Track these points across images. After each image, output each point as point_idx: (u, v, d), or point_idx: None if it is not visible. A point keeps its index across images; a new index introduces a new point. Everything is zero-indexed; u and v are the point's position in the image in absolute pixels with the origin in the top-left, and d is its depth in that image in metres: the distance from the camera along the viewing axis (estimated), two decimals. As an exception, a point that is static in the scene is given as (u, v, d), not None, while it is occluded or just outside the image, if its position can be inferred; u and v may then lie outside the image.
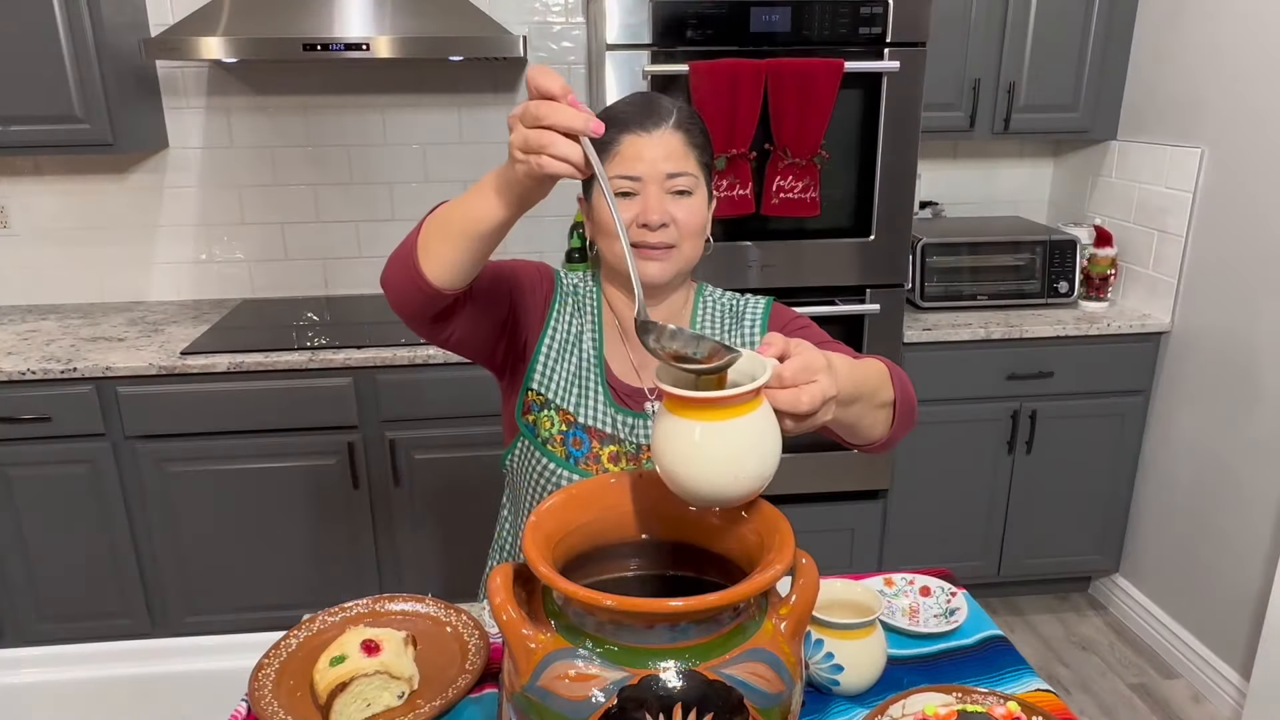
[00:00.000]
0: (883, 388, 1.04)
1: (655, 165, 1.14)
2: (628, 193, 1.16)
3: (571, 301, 1.28)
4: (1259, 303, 2.29)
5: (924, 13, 2.23)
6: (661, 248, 1.17)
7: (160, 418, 2.30)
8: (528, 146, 0.85)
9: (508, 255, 3.12)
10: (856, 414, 0.99)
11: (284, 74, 2.70)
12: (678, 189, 1.16)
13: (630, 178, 1.15)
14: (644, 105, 1.18)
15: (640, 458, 1.24)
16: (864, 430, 1.03)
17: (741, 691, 0.74)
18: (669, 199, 1.16)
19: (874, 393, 1.01)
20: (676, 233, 1.17)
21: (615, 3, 2.14)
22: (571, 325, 1.26)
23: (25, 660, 1.63)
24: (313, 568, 2.49)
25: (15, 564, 2.38)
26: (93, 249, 2.79)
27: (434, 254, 1.00)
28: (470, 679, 1.07)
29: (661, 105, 1.18)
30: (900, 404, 1.07)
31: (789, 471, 2.49)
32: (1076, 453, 2.69)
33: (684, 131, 1.17)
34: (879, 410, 1.04)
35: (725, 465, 0.76)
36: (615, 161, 1.15)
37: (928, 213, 3.00)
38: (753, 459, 0.76)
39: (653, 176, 1.15)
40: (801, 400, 0.80)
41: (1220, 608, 2.45)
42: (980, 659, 1.16)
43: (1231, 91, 2.34)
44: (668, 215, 1.15)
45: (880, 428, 1.06)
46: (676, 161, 1.15)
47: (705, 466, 0.76)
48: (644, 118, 1.15)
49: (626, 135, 1.15)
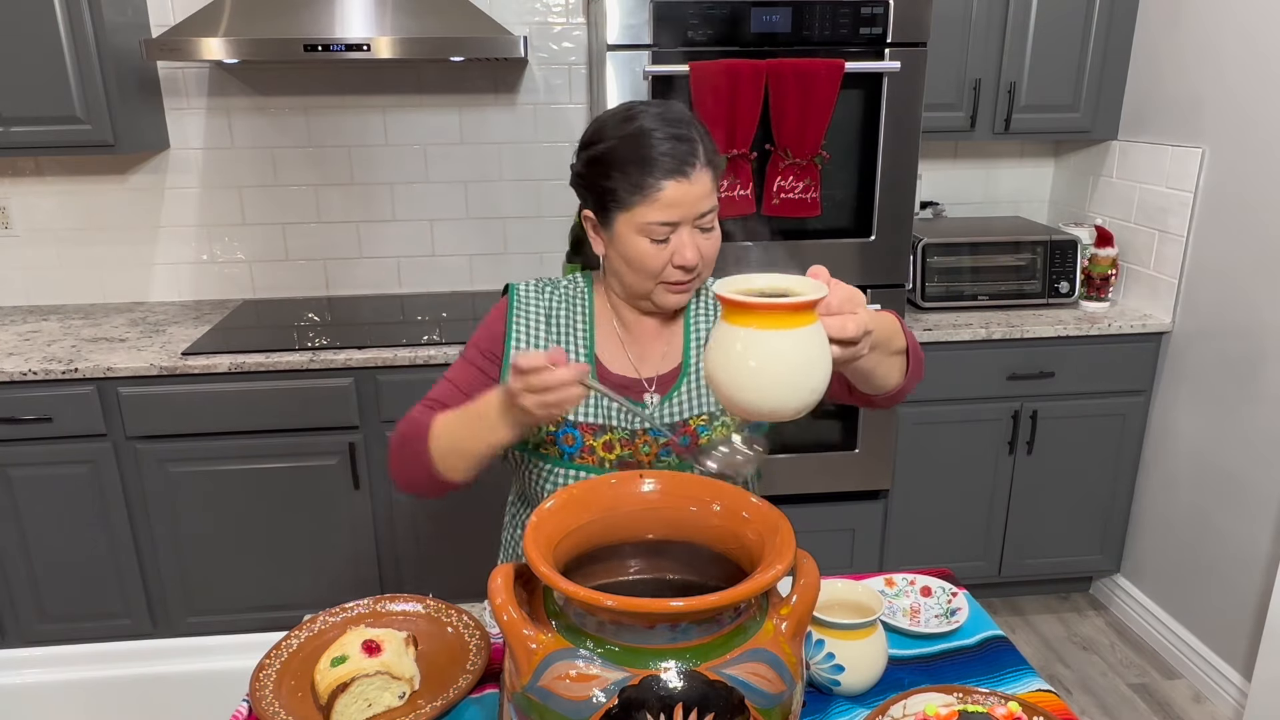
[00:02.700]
0: (895, 336, 1.11)
1: (691, 209, 1.16)
2: (664, 239, 1.16)
3: (547, 303, 1.29)
4: (1260, 303, 2.29)
5: (924, 13, 2.23)
6: (689, 282, 1.20)
7: (161, 418, 2.30)
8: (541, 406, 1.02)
9: (508, 254, 3.12)
10: (875, 359, 1.06)
11: (285, 75, 2.70)
12: (705, 226, 1.18)
13: (669, 224, 1.16)
14: (681, 144, 1.14)
15: (636, 443, 1.24)
16: (880, 377, 1.11)
17: (742, 692, 0.74)
18: (698, 235, 1.18)
19: (889, 340, 1.09)
20: (702, 266, 1.20)
21: (616, 3, 2.14)
22: (540, 326, 1.28)
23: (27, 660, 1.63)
24: (314, 568, 2.49)
25: (17, 564, 2.38)
26: (94, 249, 2.79)
27: (454, 468, 1.17)
28: (471, 679, 1.07)
29: (691, 139, 1.15)
30: (912, 352, 1.15)
31: (790, 472, 2.51)
32: (1077, 453, 2.69)
33: (712, 168, 1.17)
34: (893, 357, 1.12)
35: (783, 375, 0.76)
36: (654, 207, 1.14)
37: (928, 213, 3.00)
38: (807, 371, 0.76)
39: (688, 219, 1.16)
40: (848, 327, 0.83)
41: (1221, 607, 2.45)
42: (981, 659, 1.16)
43: (1232, 91, 2.34)
44: (699, 254, 1.18)
45: (895, 375, 1.14)
46: (707, 200, 1.17)
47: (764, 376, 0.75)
48: (683, 163, 1.14)
49: (669, 182, 1.13)
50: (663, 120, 1.17)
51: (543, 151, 2.84)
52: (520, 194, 2.88)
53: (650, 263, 1.17)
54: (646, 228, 1.15)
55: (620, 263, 1.21)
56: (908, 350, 1.14)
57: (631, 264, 1.19)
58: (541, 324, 1.28)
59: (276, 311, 2.71)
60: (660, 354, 1.29)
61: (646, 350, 1.29)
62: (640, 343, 1.29)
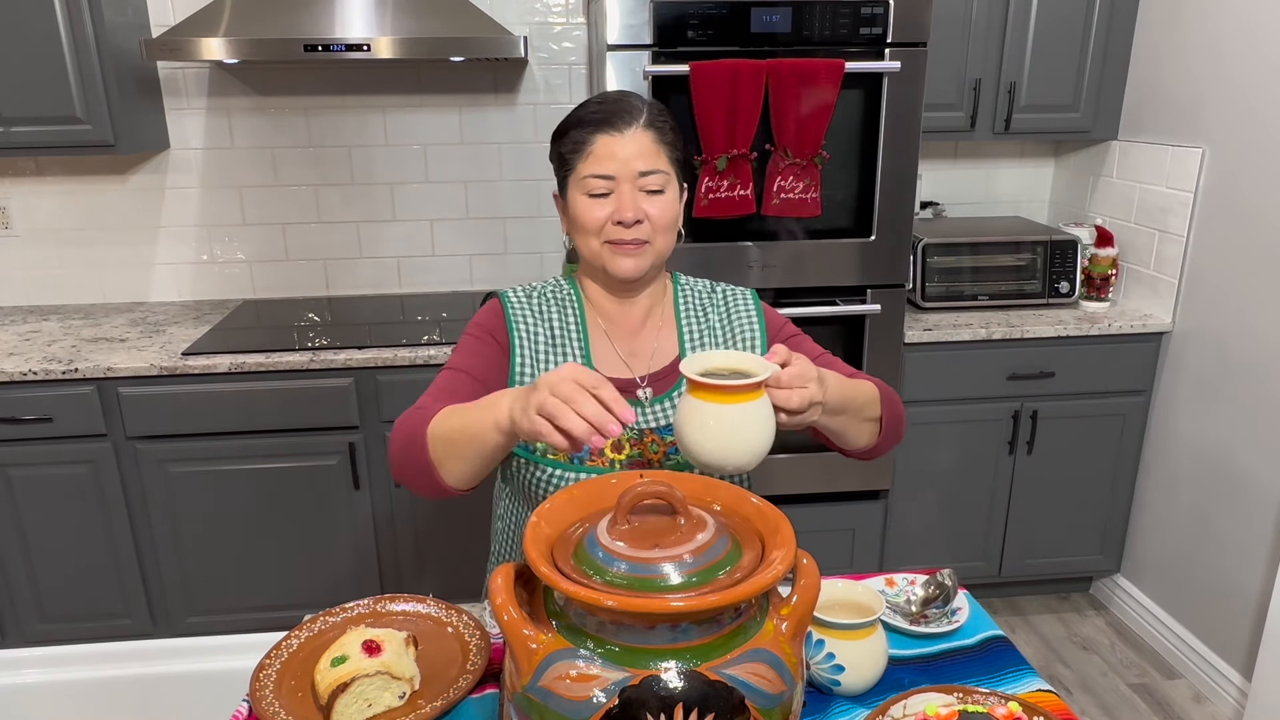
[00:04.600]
0: (870, 405, 1.20)
1: (628, 164, 1.19)
2: (602, 193, 1.20)
3: (539, 311, 1.30)
4: (1260, 303, 2.29)
5: (925, 13, 2.23)
6: (635, 244, 1.21)
7: (162, 418, 2.30)
8: (544, 410, 0.91)
9: (507, 254, 3.12)
10: (842, 423, 1.16)
11: (285, 75, 2.70)
12: (650, 187, 1.20)
13: (604, 176, 1.19)
14: (615, 105, 1.21)
15: (644, 442, 1.25)
16: (850, 438, 1.20)
17: (743, 692, 0.74)
18: (642, 196, 1.20)
19: (861, 408, 1.18)
20: (650, 229, 1.21)
21: (616, 3, 2.14)
22: (540, 336, 1.28)
23: (27, 661, 1.63)
24: (314, 568, 2.49)
25: (17, 565, 2.38)
26: (94, 249, 2.79)
27: (453, 470, 1.08)
28: (471, 679, 1.07)
29: (632, 104, 1.21)
30: (886, 422, 1.23)
31: (790, 472, 2.51)
32: (1077, 453, 2.69)
33: (655, 130, 1.21)
34: (865, 423, 1.21)
35: (730, 439, 0.93)
36: (588, 160, 1.20)
37: (928, 213, 3.00)
38: (750, 437, 0.94)
39: (626, 175, 1.19)
40: (793, 399, 0.99)
41: (1221, 607, 2.45)
42: (981, 659, 1.16)
43: (1232, 91, 2.34)
44: (641, 212, 1.20)
45: (865, 438, 1.23)
46: (649, 160, 1.20)
47: (715, 439, 0.93)
48: (615, 117, 1.19)
49: (599, 135, 1.19)
50: (610, 92, 1.25)
51: (543, 151, 2.84)
52: (520, 194, 2.88)
53: (587, 218, 1.21)
54: (584, 182, 1.20)
55: (573, 229, 1.25)
56: (881, 419, 1.22)
57: (576, 224, 1.24)
58: (540, 332, 1.28)
59: (276, 311, 2.71)
60: (650, 351, 1.30)
61: (635, 345, 1.31)
62: (626, 338, 1.30)
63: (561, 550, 0.81)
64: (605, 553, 0.78)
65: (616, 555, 0.78)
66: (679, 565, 0.76)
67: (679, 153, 1.25)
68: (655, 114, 1.22)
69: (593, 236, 1.22)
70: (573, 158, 1.21)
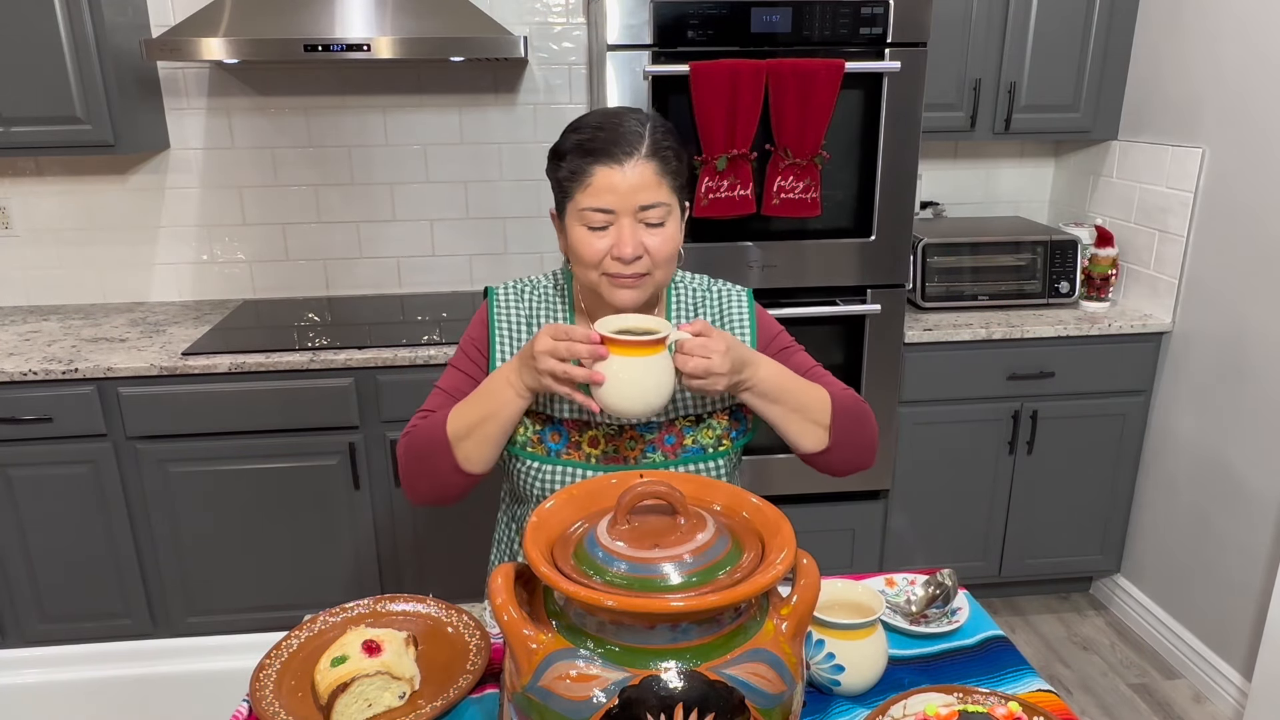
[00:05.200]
0: (816, 409, 1.21)
1: (628, 198, 1.13)
2: (601, 226, 1.15)
3: (525, 308, 1.30)
4: (1260, 303, 2.29)
5: (925, 13, 2.23)
6: (635, 277, 1.17)
7: (161, 418, 2.30)
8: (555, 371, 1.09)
9: (507, 254, 3.12)
10: (779, 415, 1.20)
11: (285, 75, 2.70)
12: (651, 220, 1.15)
13: (603, 210, 1.14)
14: (614, 131, 1.14)
15: (622, 439, 1.25)
16: (792, 434, 1.22)
17: (743, 692, 0.74)
18: (642, 229, 1.15)
19: (804, 407, 1.20)
20: (649, 262, 1.17)
21: (616, 3, 2.14)
22: (523, 327, 1.28)
23: (27, 661, 1.63)
24: (314, 568, 2.49)
25: (17, 564, 2.38)
26: (94, 249, 2.79)
27: (477, 457, 1.19)
28: (471, 679, 1.07)
29: (632, 132, 1.14)
30: (840, 433, 1.22)
31: (790, 472, 2.51)
32: (1077, 453, 2.69)
33: (658, 159, 1.15)
34: (808, 424, 1.21)
35: (628, 387, 1.07)
36: (587, 192, 1.14)
37: (928, 213, 3.00)
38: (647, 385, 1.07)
39: (626, 209, 1.14)
40: (688, 363, 1.09)
41: (1221, 607, 2.45)
42: (981, 659, 1.16)
43: (1232, 92, 2.34)
44: (640, 247, 1.15)
45: (809, 440, 1.22)
46: (650, 193, 1.14)
47: (615, 386, 1.07)
48: (615, 147, 1.13)
49: (598, 166, 1.13)
50: (612, 112, 1.18)
51: (543, 152, 2.83)
52: (520, 194, 2.88)
53: (585, 251, 1.16)
54: (582, 214, 1.15)
55: (571, 258, 1.21)
56: (831, 429, 1.22)
57: (573, 254, 1.19)
58: (523, 327, 1.28)
59: (276, 311, 2.71)
60: None
61: None
62: None
63: (561, 550, 0.81)
64: (605, 553, 0.78)
65: (616, 555, 0.78)
66: (679, 565, 0.76)
67: (682, 178, 1.20)
68: (658, 139, 1.15)
69: (591, 269, 1.17)
70: (570, 186, 1.16)
